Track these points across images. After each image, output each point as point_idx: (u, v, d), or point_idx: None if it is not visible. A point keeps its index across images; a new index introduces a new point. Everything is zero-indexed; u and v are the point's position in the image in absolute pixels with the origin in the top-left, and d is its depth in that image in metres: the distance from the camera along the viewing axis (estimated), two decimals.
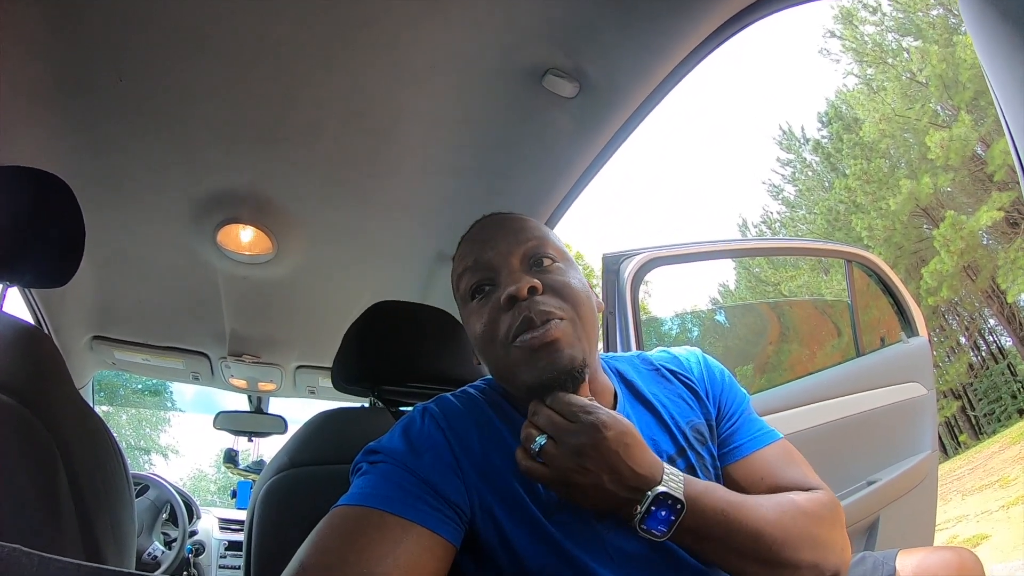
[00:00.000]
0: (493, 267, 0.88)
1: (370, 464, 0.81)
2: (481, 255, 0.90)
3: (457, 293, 0.95)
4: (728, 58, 45.72)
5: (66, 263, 1.00)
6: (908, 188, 18.63)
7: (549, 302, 0.83)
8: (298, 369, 2.89)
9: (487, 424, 0.87)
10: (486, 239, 0.92)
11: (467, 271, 0.91)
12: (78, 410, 0.96)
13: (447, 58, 1.32)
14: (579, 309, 0.86)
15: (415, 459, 0.80)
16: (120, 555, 0.98)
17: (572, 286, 0.87)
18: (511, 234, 0.91)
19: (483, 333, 0.86)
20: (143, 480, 3.24)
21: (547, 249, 0.90)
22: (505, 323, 0.83)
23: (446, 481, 0.79)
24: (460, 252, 0.95)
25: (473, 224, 0.99)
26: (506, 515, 0.80)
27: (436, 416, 0.86)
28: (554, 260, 0.90)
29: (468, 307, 0.91)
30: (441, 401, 0.91)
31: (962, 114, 17.30)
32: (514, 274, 0.86)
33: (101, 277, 2.12)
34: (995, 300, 20.27)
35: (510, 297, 0.82)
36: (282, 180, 1.72)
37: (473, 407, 0.90)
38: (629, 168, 64.43)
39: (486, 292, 0.88)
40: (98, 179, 1.65)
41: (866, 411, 2.09)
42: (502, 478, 0.82)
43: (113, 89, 1.37)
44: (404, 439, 0.83)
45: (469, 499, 0.80)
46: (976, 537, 7.44)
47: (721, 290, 31.12)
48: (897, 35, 21.22)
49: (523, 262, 0.89)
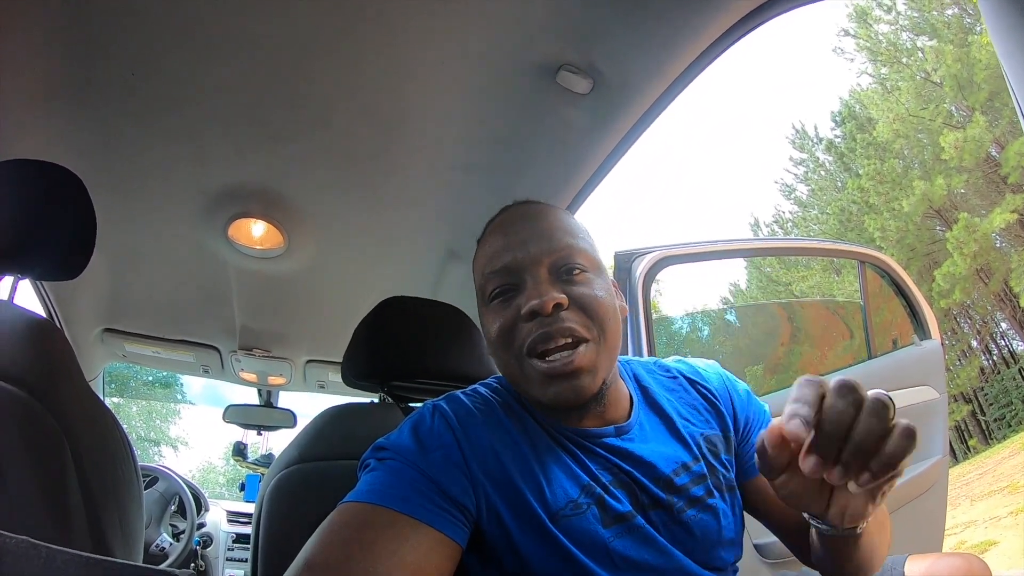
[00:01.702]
0: (519, 272, 0.86)
1: (378, 461, 0.80)
2: (508, 257, 0.87)
3: (476, 285, 0.93)
4: (742, 56, 45.55)
5: (77, 256, 1.01)
6: (921, 189, 18.49)
7: (573, 319, 0.82)
8: (308, 363, 2.90)
9: (497, 425, 0.86)
10: (515, 238, 0.88)
11: (492, 273, 0.88)
12: (88, 403, 0.97)
13: (458, 53, 1.32)
14: (605, 325, 0.84)
15: (423, 457, 0.79)
16: (127, 547, 0.98)
17: (599, 300, 0.85)
18: (543, 237, 0.87)
19: (498, 338, 0.85)
20: (152, 472, 3.26)
21: (577, 258, 0.87)
22: (522, 333, 0.82)
23: (453, 481, 0.77)
24: (486, 243, 0.93)
25: (503, 210, 0.97)
26: (512, 518, 0.79)
27: (446, 415, 0.85)
28: (584, 270, 0.86)
29: (487, 305, 0.89)
30: (452, 399, 0.89)
31: (976, 115, 17.15)
32: (540, 285, 0.83)
33: (112, 270, 2.13)
34: (1008, 304, 20.12)
35: (533, 312, 0.81)
36: (293, 175, 1.72)
37: (484, 407, 0.88)
38: (642, 166, 64.29)
39: (507, 296, 0.86)
40: (110, 173, 1.66)
41: None
42: (510, 481, 0.81)
43: (125, 84, 1.38)
44: (413, 437, 0.82)
45: (476, 500, 0.79)
46: (985, 543, 7.40)
47: (732, 290, 31.01)
48: (912, 34, 21.08)
49: (552, 271, 0.85)
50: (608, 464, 0.87)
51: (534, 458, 0.84)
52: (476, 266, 0.94)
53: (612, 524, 0.81)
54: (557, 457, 0.85)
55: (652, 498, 0.86)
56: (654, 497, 0.86)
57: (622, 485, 0.85)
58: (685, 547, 0.85)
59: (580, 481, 0.83)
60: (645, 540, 0.82)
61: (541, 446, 0.85)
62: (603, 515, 0.81)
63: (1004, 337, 23.15)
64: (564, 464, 0.84)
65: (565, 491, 0.82)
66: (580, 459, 0.86)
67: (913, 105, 19.82)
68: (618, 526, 0.81)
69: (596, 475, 0.84)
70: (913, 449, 0.56)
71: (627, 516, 0.82)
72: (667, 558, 0.82)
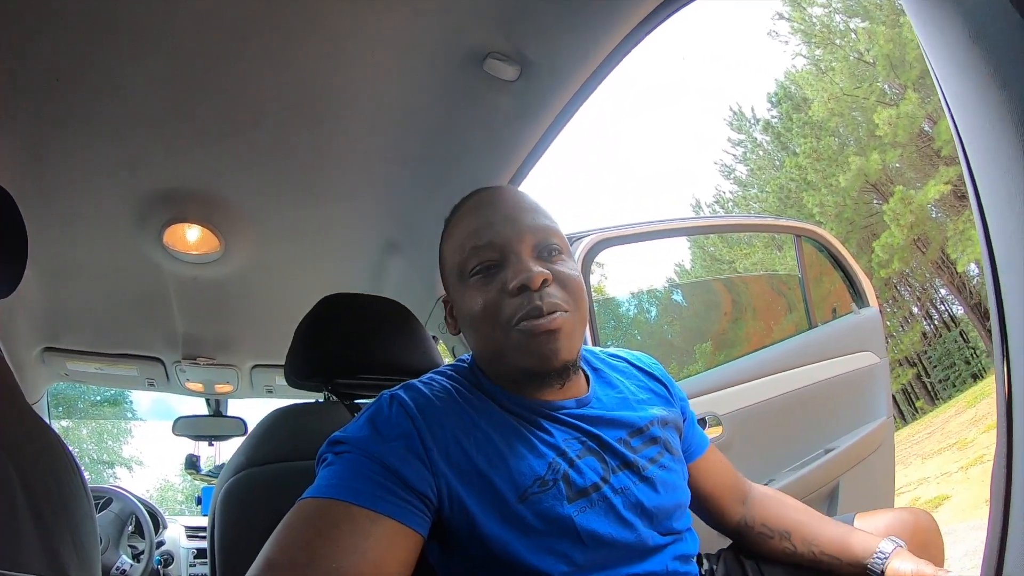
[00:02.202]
0: (503, 248, 0.87)
1: (335, 455, 0.79)
2: (492, 233, 0.88)
3: (450, 263, 0.93)
4: (678, 40, 46.21)
5: (10, 272, 0.96)
6: (857, 165, 19.13)
7: (557, 294, 0.84)
8: (254, 369, 2.86)
9: (458, 411, 0.86)
10: (498, 215, 0.90)
11: (475, 248, 0.88)
12: (32, 427, 0.94)
13: (386, 44, 1.31)
14: (579, 301, 0.87)
15: (382, 447, 0.78)
16: (83, 567, 0.96)
17: (576, 278, 0.88)
18: (526, 217, 0.90)
19: (482, 313, 0.86)
20: (105, 493, 3.19)
21: (556, 240, 0.90)
22: (510, 307, 0.84)
23: (413, 471, 0.77)
24: (462, 221, 0.93)
25: (474, 192, 0.97)
26: (475, 501, 0.79)
27: (405, 404, 0.84)
28: (561, 252, 0.90)
29: (465, 283, 0.89)
30: (410, 388, 0.88)
31: (909, 92, 17.80)
32: (524, 261, 0.85)
33: (47, 286, 2.05)
34: (945, 271, 20.98)
35: (522, 286, 0.82)
36: (226, 176, 1.69)
37: (443, 395, 0.88)
38: (579, 150, 64.89)
39: (490, 272, 0.87)
40: (38, 184, 1.60)
41: (821, 381, 2.15)
42: (474, 467, 0.81)
43: (50, 90, 1.32)
44: (371, 427, 0.81)
45: (437, 488, 0.79)
46: (937, 498, 7.68)
47: (677, 270, 31.65)
48: (845, 16, 21.70)
49: (534, 250, 0.88)
50: (575, 432, 0.89)
51: (499, 439, 0.84)
52: (451, 245, 0.93)
53: (576, 499, 0.82)
54: (521, 435, 0.86)
55: (620, 458, 0.89)
56: (621, 456, 0.89)
57: (590, 452, 0.88)
58: (650, 515, 0.88)
59: (546, 458, 0.84)
60: (609, 512, 0.84)
61: (506, 427, 0.86)
62: (568, 490, 0.82)
63: (944, 303, 24.20)
64: (529, 442, 0.85)
65: (532, 468, 0.82)
66: (546, 429, 0.88)
67: (847, 84, 20.45)
68: (582, 500, 0.83)
69: (563, 448, 0.86)
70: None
71: (590, 490, 0.84)
72: (630, 530, 0.84)
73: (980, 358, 20.87)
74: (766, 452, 1.98)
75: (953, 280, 21.08)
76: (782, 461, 2.01)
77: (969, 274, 19.99)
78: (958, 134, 0.55)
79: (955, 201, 18.93)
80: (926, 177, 18.67)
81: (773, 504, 1.11)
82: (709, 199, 31.57)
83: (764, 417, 1.98)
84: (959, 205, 18.74)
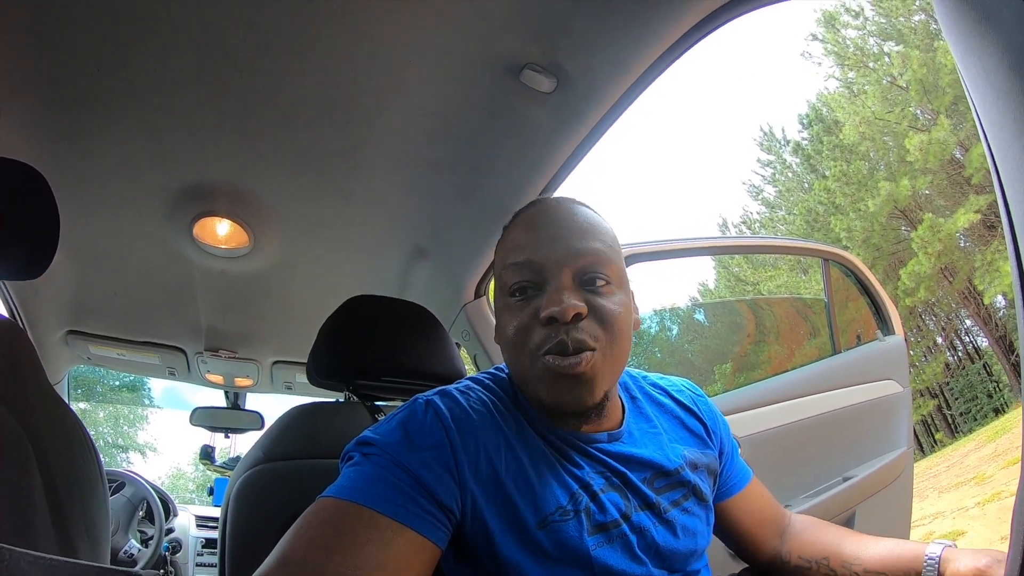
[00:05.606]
0: (542, 272, 0.84)
1: (363, 455, 0.77)
2: (532, 252, 0.85)
3: (495, 272, 0.92)
4: (710, 58, 45.99)
5: (41, 255, 0.98)
6: (887, 190, 18.86)
7: (588, 329, 0.81)
8: (275, 364, 2.88)
9: (493, 427, 0.84)
10: (543, 233, 0.86)
11: (513, 265, 0.86)
12: (53, 407, 0.95)
13: (423, 52, 1.31)
14: (617, 339, 0.83)
15: (411, 456, 0.76)
16: (93, 549, 0.97)
17: (616, 314, 0.84)
18: (572, 239, 0.85)
19: (513, 337, 0.84)
20: (119, 477, 3.22)
21: (602, 268, 0.85)
22: (538, 336, 0.81)
23: (441, 483, 0.75)
24: (513, 232, 0.91)
25: (535, 202, 0.95)
26: (497, 520, 0.78)
27: (440, 412, 0.82)
28: (608, 281, 0.85)
29: (506, 300, 0.87)
30: (446, 396, 0.86)
31: (941, 118, 17.54)
32: (562, 291, 0.81)
33: (76, 270, 2.09)
34: (972, 301, 20.59)
35: (552, 318, 0.80)
36: (258, 173, 1.70)
37: (480, 407, 0.86)
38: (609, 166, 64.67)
39: (527, 295, 0.85)
40: (74, 171, 1.63)
41: (842, 408, 2.12)
42: (501, 486, 0.80)
43: (89, 81, 1.35)
44: (402, 432, 0.79)
45: (462, 502, 0.77)
46: (952, 533, 7.55)
47: (701, 289, 31.31)
48: (879, 39, 21.45)
49: (575, 277, 0.84)
50: (601, 467, 0.88)
51: (528, 463, 0.83)
52: (499, 255, 0.92)
53: (596, 533, 0.82)
54: (550, 463, 0.85)
55: (642, 498, 0.88)
56: (644, 497, 0.88)
57: (613, 488, 0.87)
58: (664, 556, 0.87)
59: (570, 488, 0.83)
60: (626, 550, 0.83)
61: (536, 452, 0.85)
62: (588, 523, 0.81)
63: (968, 334, 23.71)
64: (556, 470, 0.84)
65: (555, 496, 0.81)
66: (574, 461, 0.86)
67: (879, 108, 20.19)
68: (601, 535, 0.82)
69: (587, 481, 0.85)
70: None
71: (610, 525, 0.83)
72: (643, 567, 0.84)
73: (1003, 392, 20.40)
74: (783, 477, 1.95)
75: (979, 311, 20.68)
76: (799, 487, 1.98)
77: (995, 306, 19.61)
78: (994, 163, 0.54)
79: (984, 231, 18.63)
80: (956, 205, 18.38)
81: (809, 532, 1.09)
82: (736, 219, 31.24)
83: (783, 441, 1.96)
84: (988, 235, 18.43)
